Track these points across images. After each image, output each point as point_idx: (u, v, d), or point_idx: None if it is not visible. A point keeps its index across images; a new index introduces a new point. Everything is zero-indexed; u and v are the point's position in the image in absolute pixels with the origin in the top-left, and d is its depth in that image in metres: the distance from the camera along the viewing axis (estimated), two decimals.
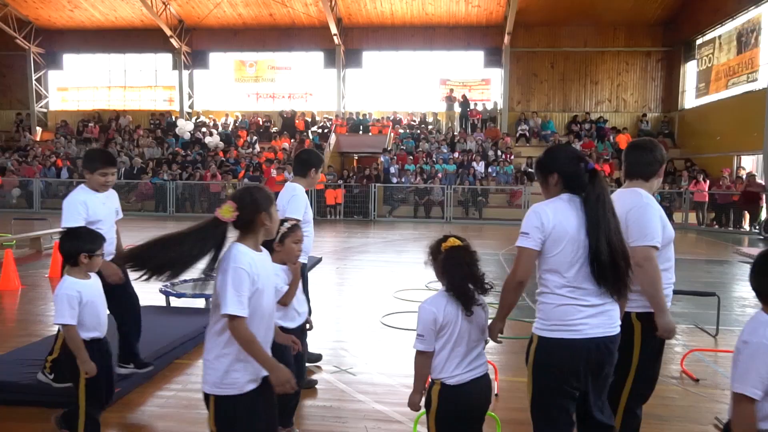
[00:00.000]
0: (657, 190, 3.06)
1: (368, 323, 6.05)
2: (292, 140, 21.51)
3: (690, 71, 20.98)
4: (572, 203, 2.47)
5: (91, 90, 24.91)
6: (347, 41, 22.79)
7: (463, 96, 22.46)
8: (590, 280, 2.41)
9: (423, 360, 2.51)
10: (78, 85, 24.92)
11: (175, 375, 4.50)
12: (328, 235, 14.41)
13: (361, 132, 21.91)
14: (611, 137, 20.69)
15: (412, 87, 23.12)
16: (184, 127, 21.68)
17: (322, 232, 14.93)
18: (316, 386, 4.26)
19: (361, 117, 22.37)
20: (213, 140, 21.79)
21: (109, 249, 3.77)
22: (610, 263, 2.38)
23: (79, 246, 3.09)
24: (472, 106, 22.40)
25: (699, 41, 19.93)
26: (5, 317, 6.48)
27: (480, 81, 23.22)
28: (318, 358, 4.73)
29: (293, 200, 4.26)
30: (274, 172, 18.90)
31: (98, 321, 3.17)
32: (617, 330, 2.50)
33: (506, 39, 21.09)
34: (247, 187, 2.38)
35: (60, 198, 19.59)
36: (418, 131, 21.87)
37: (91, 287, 3.14)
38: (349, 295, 7.78)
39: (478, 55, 22.75)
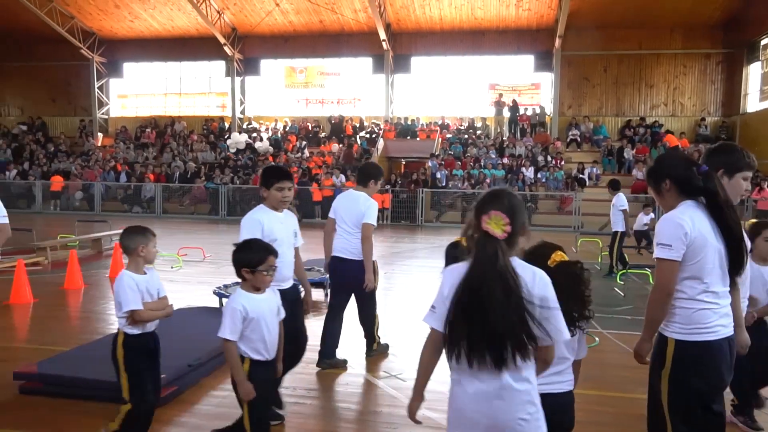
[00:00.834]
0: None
1: (417, 329, 6.04)
2: (341, 145, 21.74)
3: (753, 73, 20.07)
4: (700, 208, 2.51)
5: (148, 97, 25.86)
6: (396, 46, 22.89)
7: (513, 101, 22.20)
8: (721, 282, 2.52)
9: None
10: (137, 93, 25.91)
11: (227, 376, 4.59)
12: (374, 239, 14.45)
13: (408, 137, 21.95)
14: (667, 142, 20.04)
15: (460, 92, 23.02)
16: (237, 139, 22.22)
17: None
18: (366, 391, 4.28)
19: (409, 122, 22.42)
20: (263, 145, 22.26)
21: (286, 274, 3.66)
22: (743, 265, 2.55)
23: (243, 258, 2.95)
24: (521, 111, 22.12)
25: (764, 42, 19.07)
26: (69, 314, 6.78)
27: (530, 85, 22.90)
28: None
29: (372, 207, 4.87)
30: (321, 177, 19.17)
31: (262, 340, 2.94)
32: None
33: (557, 42, 20.74)
34: (512, 193, 2.18)
35: (119, 201, 20.46)
36: (466, 136, 21.74)
37: (259, 303, 2.93)
38: (398, 300, 7.79)
39: (528, 59, 22.45)
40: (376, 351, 5.19)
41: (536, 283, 1.99)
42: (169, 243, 12.38)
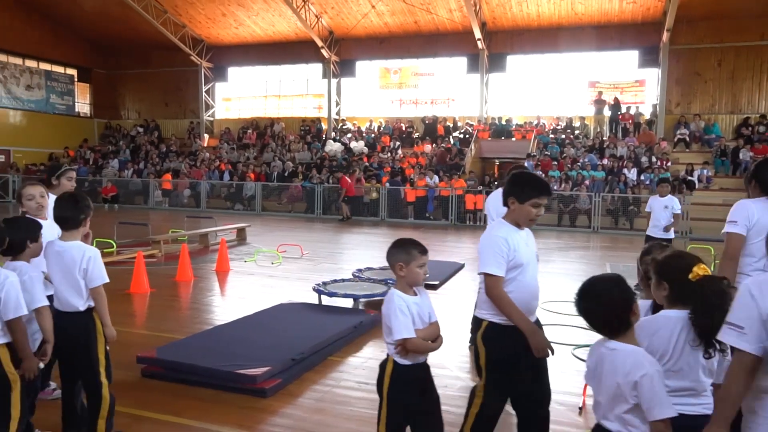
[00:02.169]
0: None
1: None
2: (434, 145, 21.73)
3: None
4: None
5: (250, 99, 27.13)
6: (491, 45, 22.55)
7: (615, 99, 21.20)
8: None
9: None
10: (239, 96, 27.27)
11: (329, 371, 4.74)
12: (468, 240, 14.35)
13: (503, 137, 21.55)
14: None
15: (557, 90, 22.30)
16: (332, 147, 22.80)
17: (462, 238, 14.90)
18: (465, 394, 4.24)
19: (503, 122, 22.01)
20: (358, 146, 22.70)
21: (533, 305, 3.03)
22: None
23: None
24: (623, 110, 21.06)
25: None
26: (181, 305, 7.24)
27: (633, 82, 21.76)
28: None
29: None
30: (415, 177, 19.25)
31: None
32: None
33: (665, 36, 19.54)
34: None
35: (222, 199, 21.61)
36: (563, 136, 21.02)
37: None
38: None
39: (632, 55, 21.33)
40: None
41: None
42: (268, 240, 12.93)
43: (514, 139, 21.37)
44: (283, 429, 3.69)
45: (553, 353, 2.88)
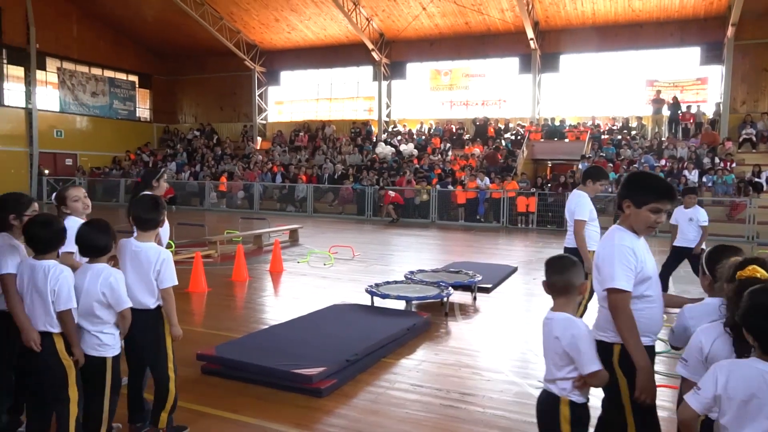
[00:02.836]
0: None
1: None
2: (485, 147, 21.51)
3: None
4: None
5: (301, 103, 27.57)
6: (544, 45, 22.15)
7: (674, 98, 20.44)
8: None
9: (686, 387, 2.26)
10: (291, 99, 27.75)
11: (382, 373, 4.74)
12: (519, 243, 14.12)
13: (556, 138, 21.12)
14: None
15: (613, 90, 21.67)
16: (383, 150, 22.89)
17: (514, 241, 14.68)
18: (521, 400, 4.17)
19: (556, 123, 21.57)
20: (407, 148, 22.70)
21: (658, 324, 2.71)
22: None
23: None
24: (683, 109, 20.29)
25: None
26: (237, 304, 7.41)
27: (694, 80, 20.92)
28: None
29: (579, 203, 5.27)
30: (465, 179, 19.10)
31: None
32: None
33: (729, 31, 18.70)
34: None
35: (275, 200, 22.01)
36: (620, 137, 20.41)
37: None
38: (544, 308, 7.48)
39: (693, 52, 20.52)
40: None
41: None
42: (320, 241, 13.09)
43: (567, 140, 20.91)
44: (338, 429, 3.71)
45: (653, 401, 2.56)
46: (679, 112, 20.27)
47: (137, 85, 29.23)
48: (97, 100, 27.21)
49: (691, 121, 20.12)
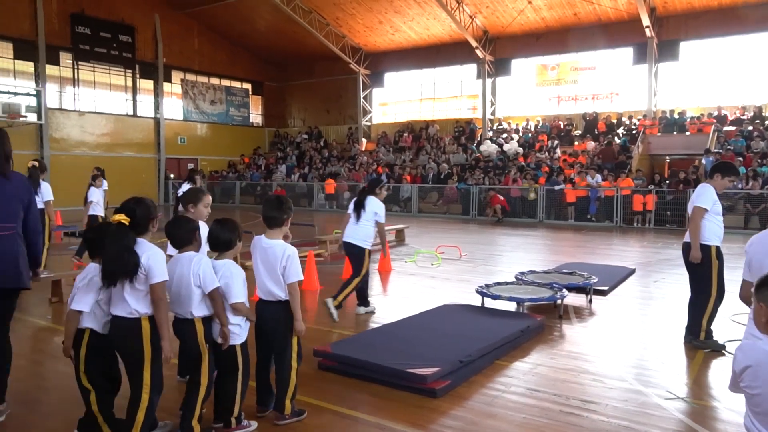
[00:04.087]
0: None
1: (684, 347, 5.36)
2: (596, 143, 20.53)
3: None
4: None
5: (405, 103, 27.80)
6: (661, 32, 20.76)
7: None
8: None
9: None
10: (395, 100, 28.07)
11: (497, 375, 4.65)
12: (635, 244, 13.33)
13: (675, 132, 19.72)
14: None
15: (742, 77, 19.86)
16: (489, 147, 22.53)
17: (629, 241, 13.89)
18: (646, 410, 3.92)
19: (675, 115, 20.13)
20: (512, 147, 22.17)
21: None
22: None
23: None
24: None
25: None
26: (347, 303, 7.51)
27: None
28: None
29: (703, 194, 5.28)
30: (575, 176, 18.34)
31: None
32: None
33: None
34: None
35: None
36: (751, 128, 18.67)
37: None
38: (663, 313, 6.96)
39: None
40: (701, 343, 5.27)
41: None
42: (426, 241, 13.11)
43: (688, 133, 19.45)
44: (454, 431, 3.68)
45: None
46: None
47: (250, 92, 30.88)
48: (215, 108, 29.07)
49: None
